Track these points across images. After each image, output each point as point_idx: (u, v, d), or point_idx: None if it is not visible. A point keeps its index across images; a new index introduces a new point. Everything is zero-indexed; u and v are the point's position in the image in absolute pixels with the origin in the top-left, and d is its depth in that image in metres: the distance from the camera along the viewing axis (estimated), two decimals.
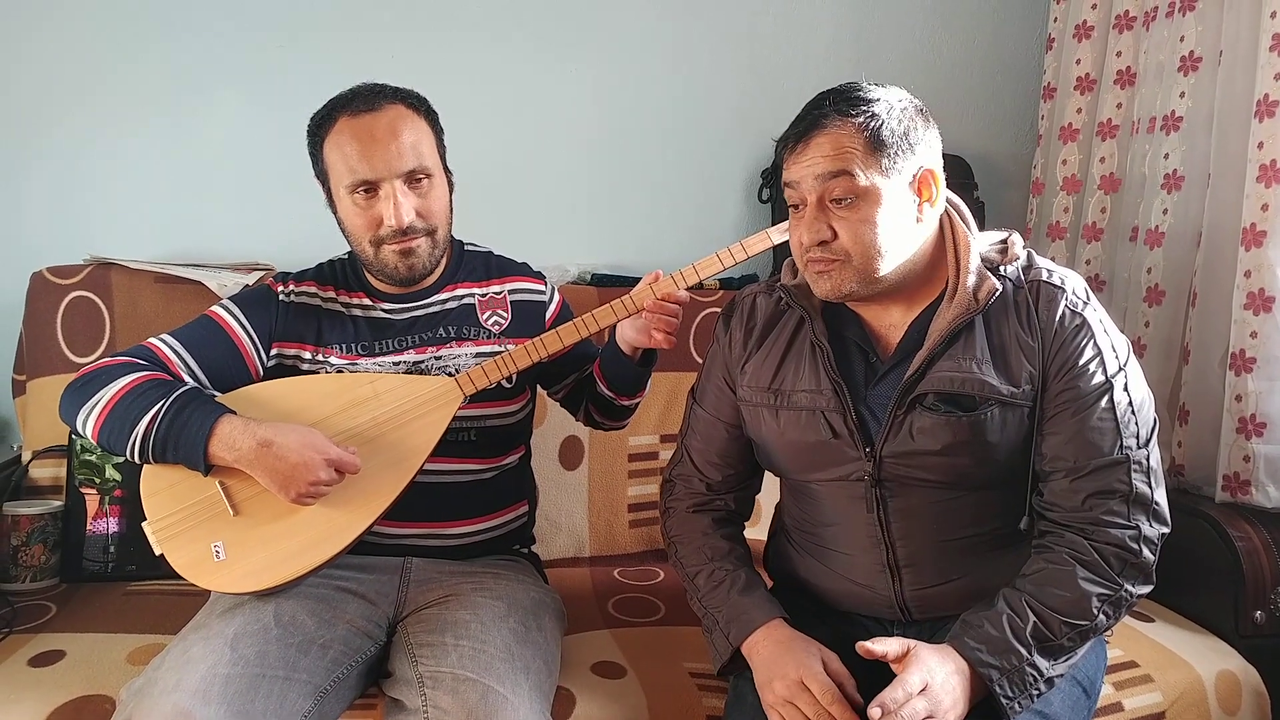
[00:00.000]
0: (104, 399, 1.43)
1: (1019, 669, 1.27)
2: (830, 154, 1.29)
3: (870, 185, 1.29)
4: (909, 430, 1.35)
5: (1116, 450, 1.31)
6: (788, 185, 1.35)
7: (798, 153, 1.32)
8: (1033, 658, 1.28)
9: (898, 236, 1.33)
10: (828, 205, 1.31)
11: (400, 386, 1.53)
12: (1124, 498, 1.31)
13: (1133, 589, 1.31)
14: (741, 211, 2.70)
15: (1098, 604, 1.29)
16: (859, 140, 1.29)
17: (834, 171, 1.29)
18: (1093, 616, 1.29)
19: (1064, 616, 1.29)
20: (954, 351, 1.34)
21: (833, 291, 1.35)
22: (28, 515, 1.86)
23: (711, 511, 1.59)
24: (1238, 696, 1.73)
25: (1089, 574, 1.30)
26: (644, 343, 1.59)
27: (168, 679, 1.27)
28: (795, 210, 1.36)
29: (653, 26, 2.57)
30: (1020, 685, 1.27)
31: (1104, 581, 1.30)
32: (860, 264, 1.32)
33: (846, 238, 1.31)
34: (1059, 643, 1.29)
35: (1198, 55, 2.18)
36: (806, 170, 1.31)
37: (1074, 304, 1.35)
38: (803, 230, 1.33)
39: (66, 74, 2.24)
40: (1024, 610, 1.30)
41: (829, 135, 1.30)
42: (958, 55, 2.79)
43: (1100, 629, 1.32)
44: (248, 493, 1.44)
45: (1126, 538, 1.30)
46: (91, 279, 2.07)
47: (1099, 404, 1.32)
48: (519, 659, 1.40)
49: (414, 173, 1.54)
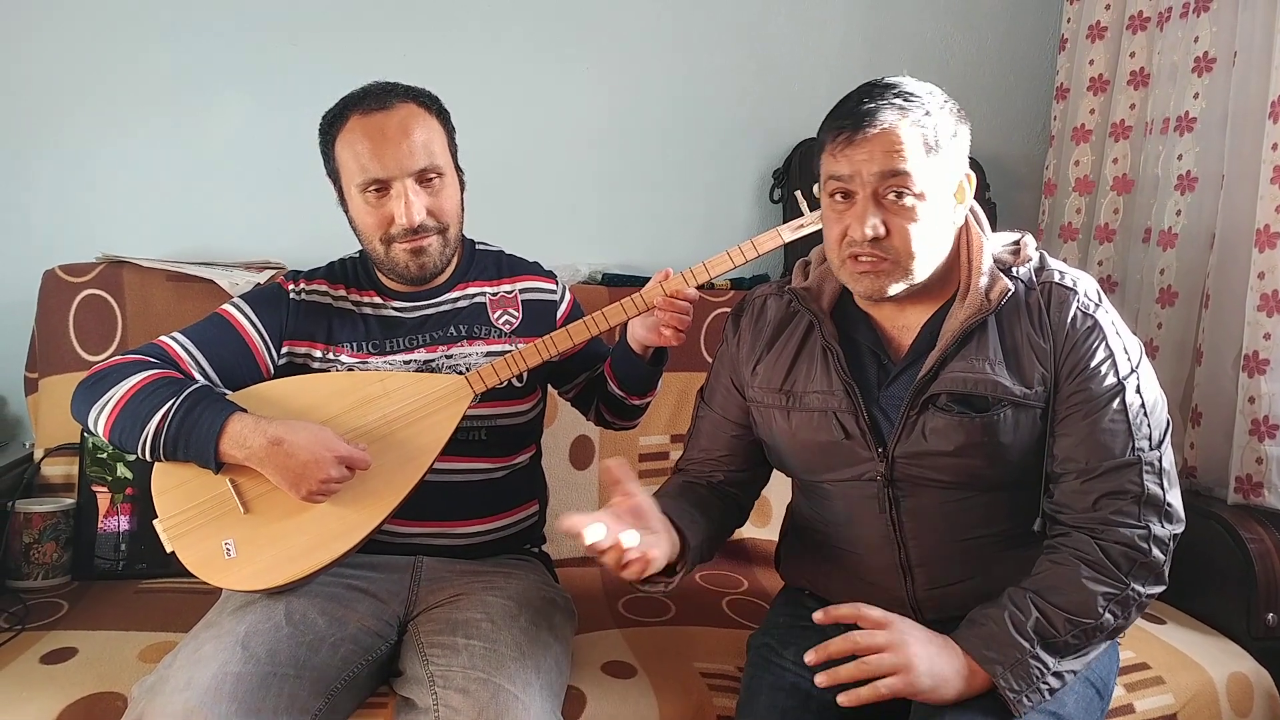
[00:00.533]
0: (115, 397, 1.43)
1: (1022, 662, 1.26)
2: (890, 150, 1.27)
3: (924, 185, 1.28)
4: (922, 431, 1.35)
5: (1128, 452, 1.30)
6: (836, 177, 1.32)
7: (854, 144, 1.28)
8: (1036, 651, 1.26)
9: (938, 238, 1.33)
10: (881, 202, 1.29)
11: (410, 385, 1.53)
12: (1135, 498, 1.30)
13: (1141, 588, 1.30)
14: (752, 211, 2.70)
15: (1103, 603, 1.28)
16: (917, 138, 1.28)
17: (894, 169, 1.27)
18: (1097, 615, 1.28)
19: (1067, 613, 1.28)
20: (966, 352, 1.34)
21: (874, 291, 1.33)
22: (40, 513, 1.87)
23: (698, 481, 1.59)
24: (1249, 698, 1.73)
25: (1093, 573, 1.29)
26: (654, 341, 1.59)
27: (179, 677, 1.27)
28: (837, 201, 1.33)
29: (664, 26, 2.57)
30: (1025, 679, 1.26)
31: (1109, 580, 1.29)
32: (906, 264, 1.31)
33: (898, 237, 1.29)
34: (1063, 639, 1.28)
35: (1212, 56, 2.17)
36: (863, 164, 1.28)
37: (1085, 306, 1.34)
38: (853, 224, 1.30)
39: (77, 73, 2.25)
40: (1026, 606, 1.29)
41: (889, 131, 1.27)
42: (970, 55, 2.79)
43: (1109, 628, 1.30)
44: (258, 490, 1.45)
45: (1136, 537, 1.29)
46: (103, 277, 2.08)
47: (1111, 405, 1.31)
48: (530, 658, 1.39)
49: (425, 171, 1.54)
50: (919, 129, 1.28)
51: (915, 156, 1.27)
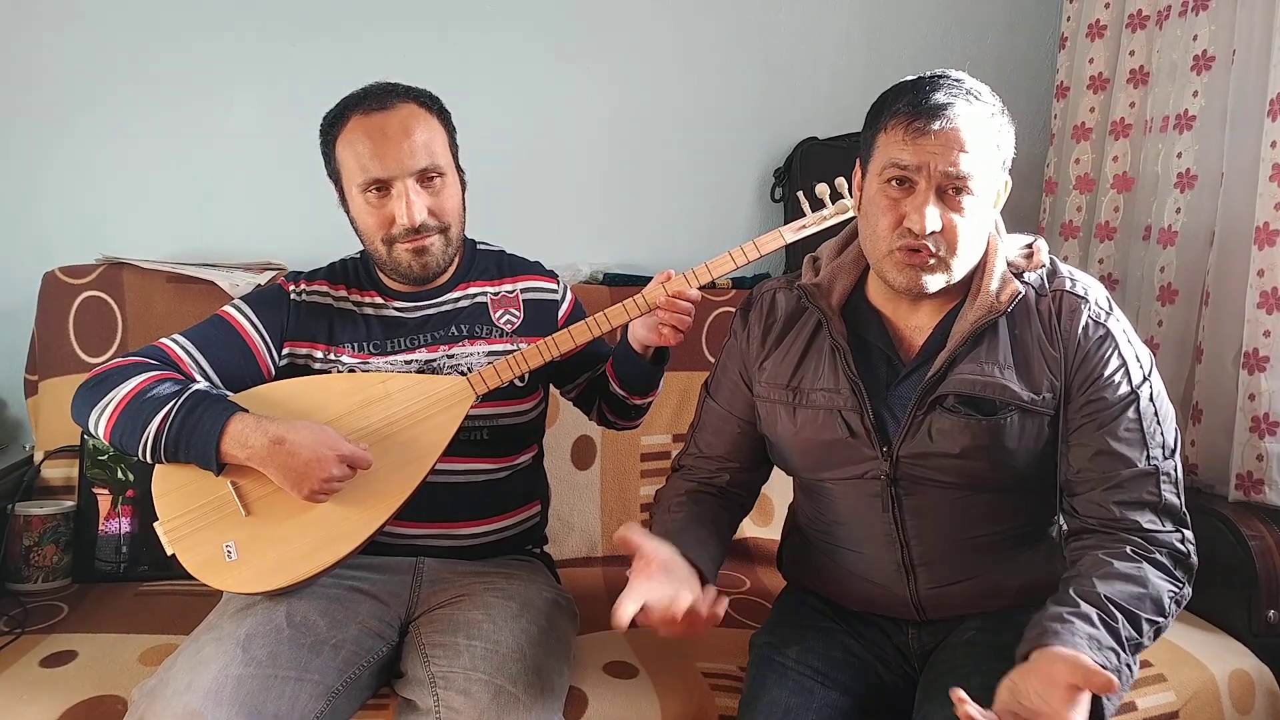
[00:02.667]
0: (116, 399, 1.43)
1: (1118, 669, 1.18)
2: (964, 146, 1.26)
3: (980, 186, 1.28)
4: (928, 431, 1.34)
5: (1145, 461, 1.30)
6: (899, 164, 1.28)
7: (925, 133, 1.26)
8: (1129, 658, 1.22)
9: (981, 240, 1.34)
10: (943, 195, 1.28)
11: (413, 386, 1.53)
12: (1154, 508, 1.30)
13: (1189, 590, 1.29)
14: (754, 211, 2.69)
15: (1169, 602, 1.26)
16: (984, 139, 1.27)
17: (961, 167, 1.26)
18: (1169, 615, 1.25)
19: (1147, 615, 1.23)
20: (976, 354, 1.33)
21: (916, 286, 1.32)
22: (40, 515, 1.86)
23: (700, 483, 1.57)
24: (1251, 696, 1.73)
25: (1159, 574, 1.26)
26: (654, 341, 1.59)
27: (180, 680, 1.27)
28: (892, 186, 1.30)
29: (665, 26, 2.57)
30: (1123, 684, 1.21)
31: (1172, 580, 1.27)
32: (952, 262, 1.31)
33: (950, 233, 1.29)
34: (1142, 641, 1.24)
35: (1211, 54, 2.17)
36: (933, 156, 1.26)
37: (1097, 315, 1.34)
38: (912, 214, 1.28)
39: (79, 74, 2.24)
40: (1112, 611, 1.21)
41: (961, 129, 1.26)
42: (970, 54, 2.78)
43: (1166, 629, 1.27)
44: (260, 492, 1.44)
45: (1175, 541, 1.29)
46: (103, 279, 2.08)
47: (1125, 414, 1.31)
48: (531, 659, 1.39)
49: (426, 171, 1.54)
50: (986, 129, 1.28)
51: (980, 156, 1.27)
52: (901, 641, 1.47)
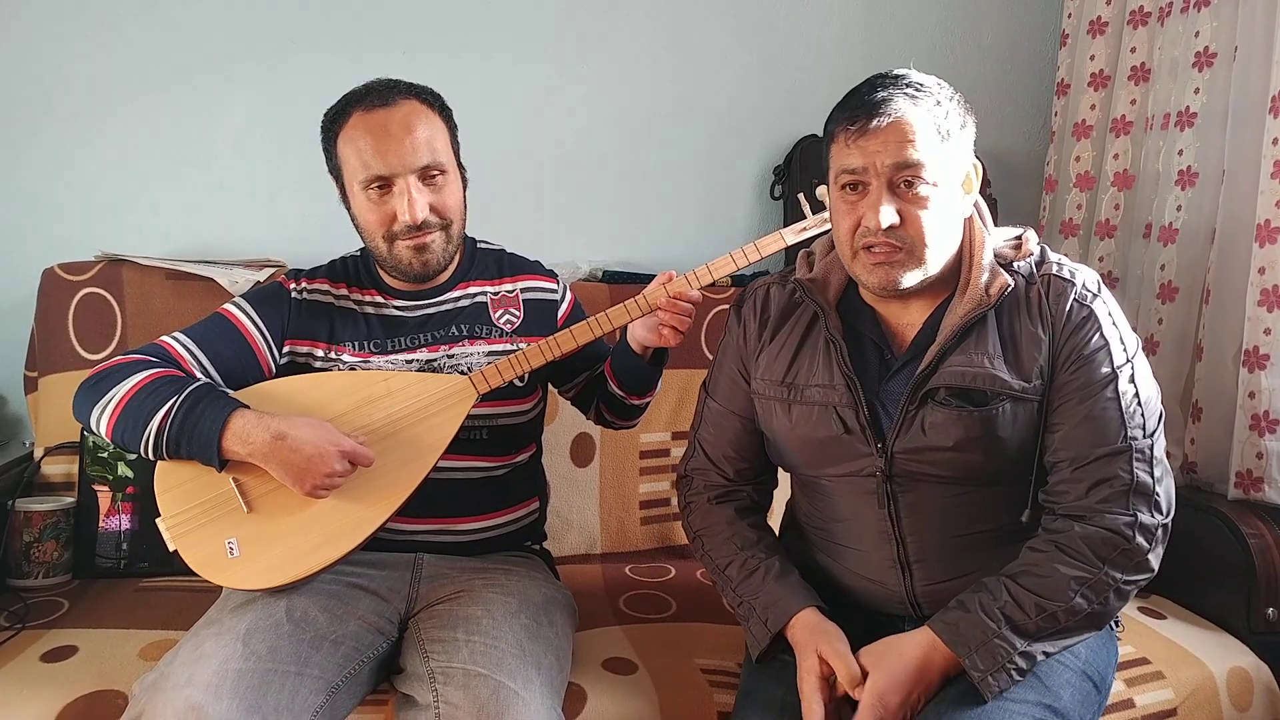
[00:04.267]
0: (117, 396, 1.43)
1: (988, 643, 1.26)
2: (904, 140, 1.27)
3: (936, 174, 1.29)
4: (921, 425, 1.35)
5: (1120, 439, 1.30)
6: (849, 170, 1.31)
7: (867, 134, 1.28)
8: (1002, 631, 1.26)
9: (951, 228, 1.34)
10: (896, 190, 1.30)
11: (414, 384, 1.53)
12: (1125, 486, 1.30)
13: (1119, 575, 1.29)
14: (753, 208, 2.70)
15: (1075, 586, 1.27)
16: (929, 127, 1.28)
17: (909, 160, 1.27)
18: (1067, 599, 1.27)
19: (1036, 595, 1.28)
20: (966, 346, 1.34)
21: (887, 283, 1.33)
22: (40, 511, 1.87)
23: (734, 502, 1.57)
24: (1249, 693, 1.73)
25: (1067, 558, 1.29)
26: (654, 341, 1.59)
27: (180, 674, 1.27)
28: (851, 192, 1.32)
29: (665, 23, 2.57)
30: (991, 659, 1.26)
31: (1082, 565, 1.28)
32: (920, 254, 1.31)
33: (912, 225, 1.30)
34: (1033, 621, 1.27)
35: (1212, 51, 2.16)
36: (877, 155, 1.28)
37: (1083, 296, 1.35)
38: (867, 213, 1.30)
39: (78, 71, 2.25)
40: (998, 589, 1.30)
41: (902, 120, 1.28)
42: (970, 51, 2.78)
43: (1081, 611, 1.28)
44: (261, 489, 1.45)
45: (1122, 524, 1.29)
46: (103, 276, 2.08)
47: (1104, 392, 1.31)
48: (530, 655, 1.40)
49: (428, 168, 1.54)
50: (931, 118, 1.29)
51: (928, 145, 1.28)
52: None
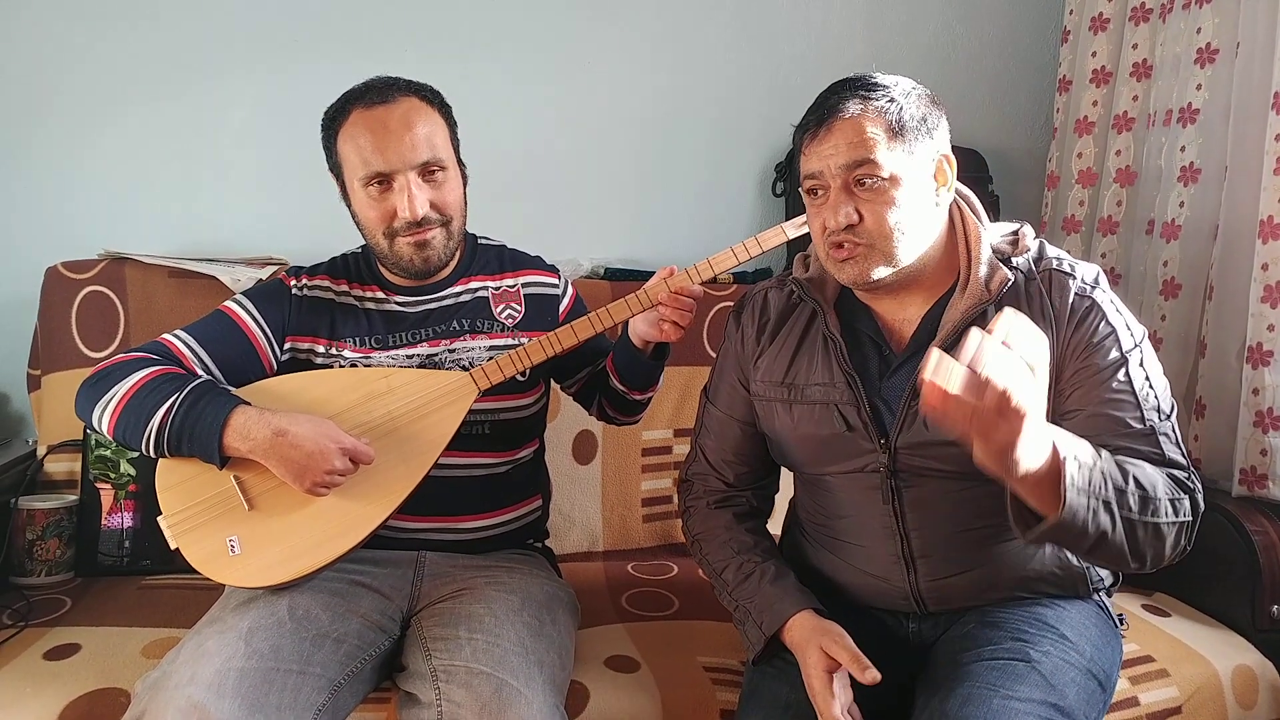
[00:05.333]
0: (119, 394, 1.43)
1: (1093, 468, 1.16)
2: (854, 140, 1.30)
3: (894, 170, 1.30)
4: (923, 421, 1.34)
5: (1141, 423, 1.30)
6: (809, 175, 1.35)
7: (820, 139, 1.32)
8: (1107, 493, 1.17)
9: (919, 220, 1.34)
10: (853, 190, 1.31)
11: (416, 380, 1.53)
12: (1156, 461, 1.28)
13: (1188, 508, 1.25)
14: (755, 205, 2.69)
15: (1165, 489, 1.23)
16: (881, 125, 1.30)
17: (859, 159, 1.29)
18: (1156, 497, 1.22)
19: (1138, 481, 1.21)
20: None
21: (858, 278, 1.34)
22: (43, 509, 1.87)
23: (732, 507, 1.58)
24: (1254, 691, 1.73)
25: (1158, 470, 1.25)
26: (655, 336, 1.59)
27: (182, 672, 1.27)
28: (815, 197, 1.36)
29: (665, 21, 2.56)
30: (1087, 482, 1.16)
31: (1173, 487, 1.25)
32: (885, 248, 1.32)
33: (872, 221, 1.31)
34: (1127, 490, 1.20)
35: (1215, 47, 2.16)
36: (830, 158, 1.31)
37: (1083, 289, 1.35)
38: (828, 214, 1.33)
39: (79, 68, 2.25)
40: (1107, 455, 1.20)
41: (851, 121, 1.30)
42: (972, 48, 2.78)
43: (1152, 518, 1.22)
44: (263, 487, 1.45)
45: (1179, 474, 1.28)
46: (105, 273, 2.08)
47: (1116, 376, 1.31)
48: (533, 653, 1.40)
49: (428, 165, 1.54)
50: (882, 115, 1.30)
51: (879, 142, 1.29)
52: (902, 634, 1.47)
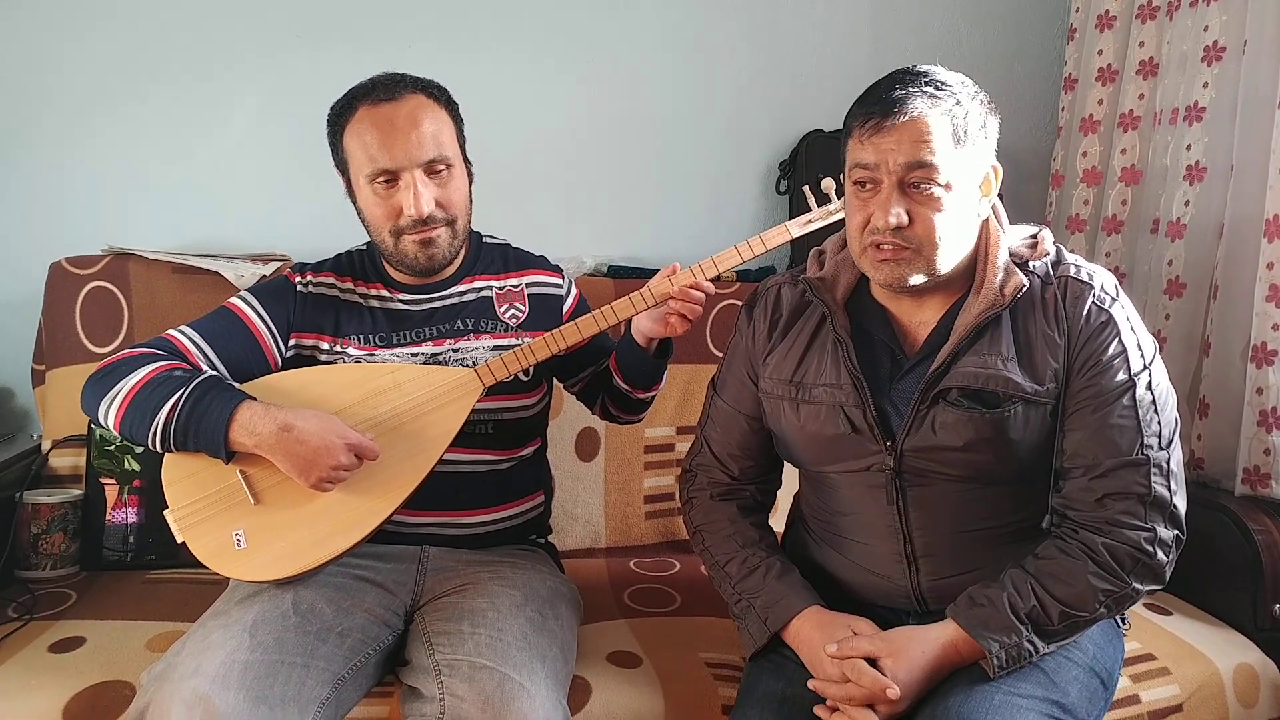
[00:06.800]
0: (124, 389, 1.44)
1: (1018, 645, 1.28)
2: (918, 139, 1.26)
3: (950, 177, 1.27)
4: (931, 425, 1.34)
5: (1136, 451, 1.30)
6: (861, 165, 1.30)
7: (882, 131, 1.27)
8: (1030, 635, 1.29)
9: (963, 229, 1.32)
10: (907, 190, 1.29)
11: (420, 377, 1.54)
12: (1141, 500, 1.30)
13: (1140, 587, 1.31)
14: (759, 203, 2.69)
15: (1101, 598, 1.30)
16: (945, 129, 1.27)
17: (920, 160, 1.26)
18: (1093, 610, 1.30)
19: (1064, 605, 1.29)
20: (979, 347, 1.33)
21: (895, 280, 1.32)
22: (48, 504, 1.88)
23: (736, 499, 1.58)
24: (1256, 689, 1.73)
25: (1099, 570, 1.29)
26: (660, 331, 1.59)
27: (187, 664, 1.27)
28: (862, 189, 1.32)
29: (669, 18, 2.56)
30: (1014, 659, 1.28)
31: (1112, 579, 1.29)
32: (928, 255, 1.30)
33: (921, 227, 1.28)
34: (1055, 628, 1.30)
35: (1221, 45, 2.15)
36: (889, 153, 1.27)
37: (1101, 300, 1.34)
38: (876, 211, 1.29)
39: (85, 66, 2.25)
40: (1026, 592, 1.30)
41: (918, 120, 1.26)
42: (977, 46, 2.77)
43: (1099, 620, 1.33)
44: (268, 481, 1.45)
45: (1142, 539, 1.29)
46: (110, 269, 2.08)
47: (1120, 401, 1.30)
48: (535, 647, 1.40)
49: (434, 162, 1.54)
50: (948, 119, 1.27)
51: (943, 147, 1.26)
52: None
